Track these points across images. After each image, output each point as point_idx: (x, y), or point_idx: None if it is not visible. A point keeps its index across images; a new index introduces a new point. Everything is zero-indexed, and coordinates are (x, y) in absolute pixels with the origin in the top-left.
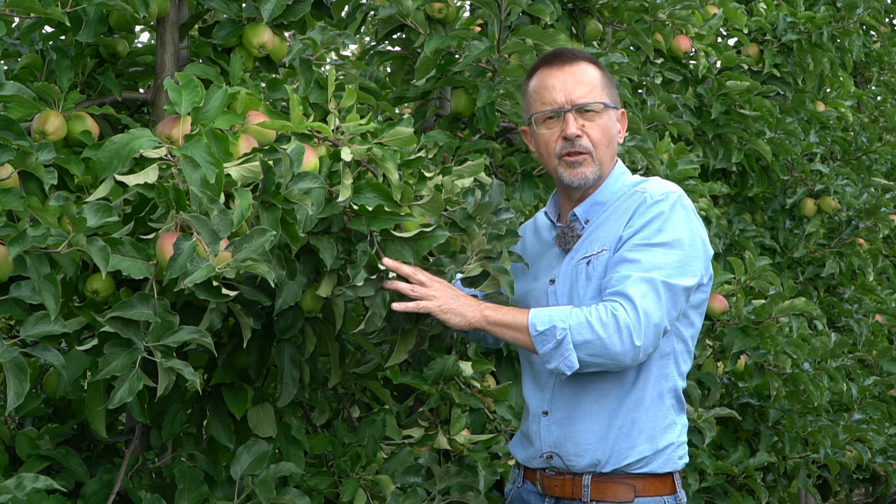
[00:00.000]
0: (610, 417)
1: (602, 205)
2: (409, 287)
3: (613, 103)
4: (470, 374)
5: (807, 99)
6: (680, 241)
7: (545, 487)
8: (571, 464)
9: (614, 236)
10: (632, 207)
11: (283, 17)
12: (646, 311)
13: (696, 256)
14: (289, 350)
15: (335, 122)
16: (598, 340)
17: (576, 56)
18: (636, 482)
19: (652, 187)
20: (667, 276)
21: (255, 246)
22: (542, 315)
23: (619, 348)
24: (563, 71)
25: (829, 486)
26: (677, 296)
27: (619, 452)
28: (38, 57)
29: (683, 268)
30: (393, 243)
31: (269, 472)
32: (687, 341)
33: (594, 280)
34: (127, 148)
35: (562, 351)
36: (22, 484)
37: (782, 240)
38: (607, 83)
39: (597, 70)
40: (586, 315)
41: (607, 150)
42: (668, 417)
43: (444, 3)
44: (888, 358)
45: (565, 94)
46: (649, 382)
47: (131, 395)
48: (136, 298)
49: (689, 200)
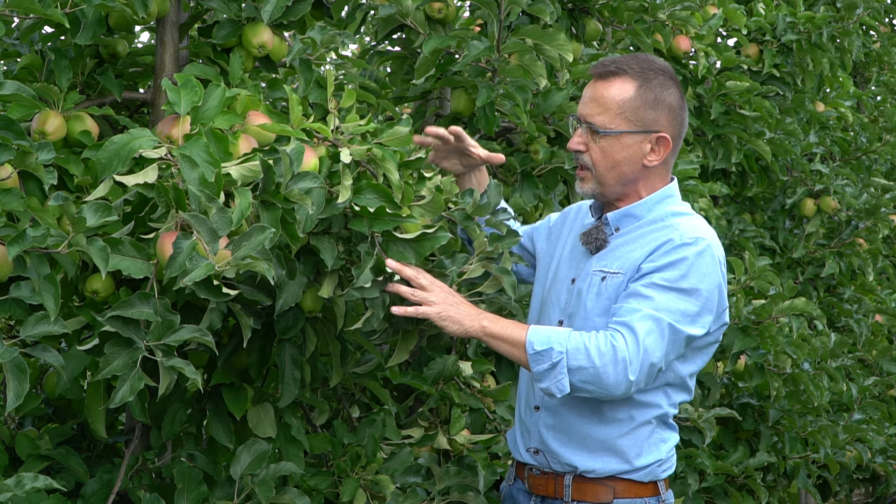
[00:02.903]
0: (594, 432)
1: (636, 218)
2: (410, 291)
3: (632, 127)
4: (470, 374)
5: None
6: (697, 291)
7: (531, 486)
8: (553, 462)
9: (634, 263)
10: (659, 241)
11: (283, 17)
12: (647, 348)
13: (710, 309)
14: (290, 350)
15: (335, 123)
16: (592, 368)
17: (615, 70)
18: (616, 484)
19: (685, 226)
20: (675, 320)
21: (254, 244)
22: (541, 335)
23: (613, 379)
24: (595, 84)
25: (829, 486)
26: (679, 341)
27: (597, 467)
28: (38, 57)
29: (694, 318)
30: (395, 244)
31: (269, 472)
32: (685, 378)
33: (603, 298)
34: (126, 148)
35: (555, 374)
36: (22, 483)
37: (782, 240)
38: (638, 105)
39: (632, 90)
40: (585, 341)
41: (609, 174)
42: (653, 437)
43: (443, 2)
44: (888, 358)
45: (583, 107)
46: (637, 410)
47: (132, 394)
48: (136, 297)
49: (720, 249)
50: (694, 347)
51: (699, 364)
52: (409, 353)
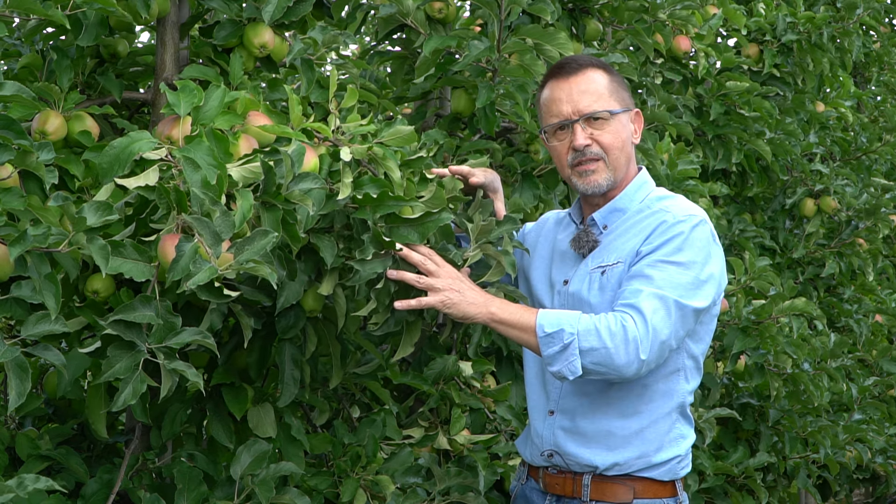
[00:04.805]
0: (615, 428)
1: (622, 212)
2: (415, 277)
3: (623, 106)
4: (470, 374)
5: (806, 99)
6: (696, 263)
7: (547, 486)
8: (571, 463)
9: (631, 250)
10: (652, 225)
11: (284, 17)
12: (655, 326)
13: (711, 280)
14: (290, 350)
15: (335, 123)
16: (603, 349)
17: (581, 64)
18: (636, 484)
19: (675, 207)
20: (679, 295)
21: (257, 247)
22: (551, 317)
23: (624, 360)
24: (569, 82)
25: (829, 486)
26: (687, 316)
27: (620, 462)
28: (39, 57)
29: (696, 289)
30: (398, 227)
31: (269, 472)
32: (697, 357)
33: (607, 291)
34: (127, 151)
35: (567, 355)
36: (23, 485)
37: (782, 240)
38: (616, 87)
39: (605, 75)
40: (595, 323)
41: (621, 154)
42: (673, 431)
43: (444, 2)
44: (888, 358)
45: (572, 105)
46: (656, 398)
47: (135, 397)
48: (138, 301)
49: (711, 225)
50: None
51: (707, 340)
52: (413, 345)
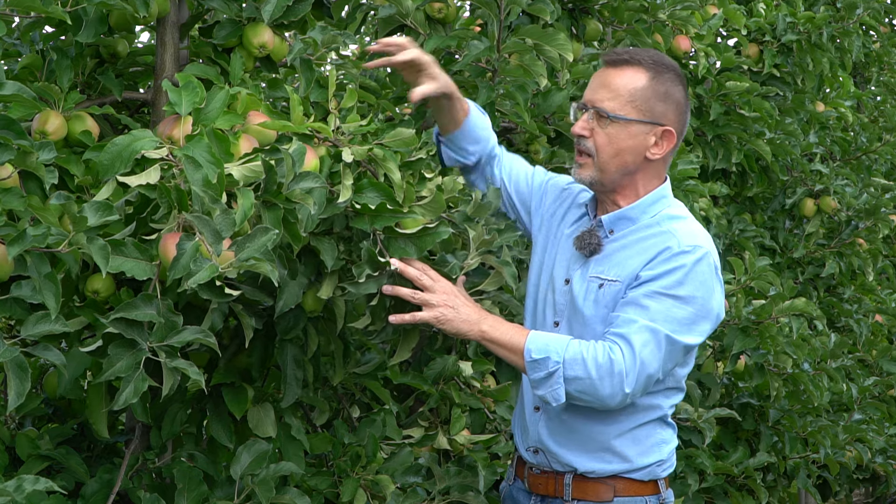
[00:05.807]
0: (595, 433)
1: (631, 221)
2: (410, 292)
3: (641, 117)
4: (470, 374)
5: (806, 99)
6: (695, 299)
7: (531, 486)
8: (553, 462)
9: (632, 272)
10: (657, 248)
11: (284, 17)
12: (643, 360)
13: (707, 317)
14: (291, 350)
15: (335, 123)
16: (588, 379)
17: (629, 59)
18: (616, 482)
19: (683, 232)
20: (672, 330)
21: (257, 245)
22: (540, 342)
23: (609, 391)
24: (606, 70)
25: (829, 486)
26: (677, 351)
27: (597, 468)
28: (39, 57)
29: (691, 325)
30: (396, 240)
31: (269, 472)
32: (679, 380)
33: (601, 307)
34: (128, 149)
35: (551, 382)
36: (21, 487)
37: (782, 240)
38: (649, 96)
39: (645, 79)
40: (583, 352)
41: (612, 161)
42: (653, 437)
43: (443, 3)
44: (888, 358)
45: (592, 93)
46: (638, 411)
47: (136, 396)
48: (139, 299)
49: (717, 257)
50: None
51: (691, 363)
52: (410, 351)
